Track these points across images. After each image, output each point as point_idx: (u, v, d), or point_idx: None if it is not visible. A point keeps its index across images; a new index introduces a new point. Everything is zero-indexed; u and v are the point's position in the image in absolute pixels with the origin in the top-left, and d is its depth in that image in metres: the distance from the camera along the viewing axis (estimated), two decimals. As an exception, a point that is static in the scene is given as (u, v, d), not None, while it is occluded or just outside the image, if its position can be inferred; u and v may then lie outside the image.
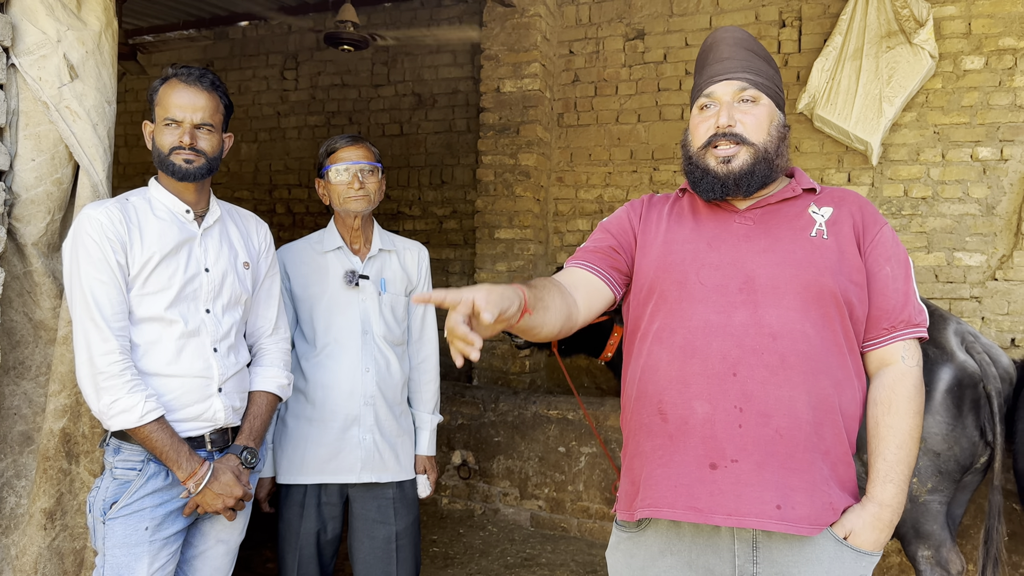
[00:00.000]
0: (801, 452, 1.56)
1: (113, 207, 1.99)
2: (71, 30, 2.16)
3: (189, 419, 2.04)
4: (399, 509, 2.62)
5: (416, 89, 6.32)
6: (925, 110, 4.64)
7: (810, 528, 1.54)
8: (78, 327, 1.94)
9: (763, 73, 1.73)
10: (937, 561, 2.97)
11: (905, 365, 1.67)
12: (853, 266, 1.66)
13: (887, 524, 1.60)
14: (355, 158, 2.54)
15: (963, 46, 4.55)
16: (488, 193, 5.47)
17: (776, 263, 1.63)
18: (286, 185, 6.86)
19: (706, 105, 1.73)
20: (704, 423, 1.58)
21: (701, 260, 1.68)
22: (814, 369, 1.58)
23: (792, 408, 1.56)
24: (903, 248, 1.73)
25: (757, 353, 1.58)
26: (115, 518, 1.96)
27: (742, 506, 1.54)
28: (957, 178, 4.59)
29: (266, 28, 6.86)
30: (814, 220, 1.69)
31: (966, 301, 4.56)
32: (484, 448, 4.90)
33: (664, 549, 1.67)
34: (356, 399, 2.54)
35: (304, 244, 2.67)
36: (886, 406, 1.65)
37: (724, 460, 1.56)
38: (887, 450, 1.63)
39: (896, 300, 1.68)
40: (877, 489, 1.62)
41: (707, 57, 1.77)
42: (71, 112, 2.16)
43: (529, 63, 5.34)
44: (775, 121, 1.72)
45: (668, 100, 5.33)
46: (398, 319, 2.67)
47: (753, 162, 1.67)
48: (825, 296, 1.61)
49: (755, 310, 1.60)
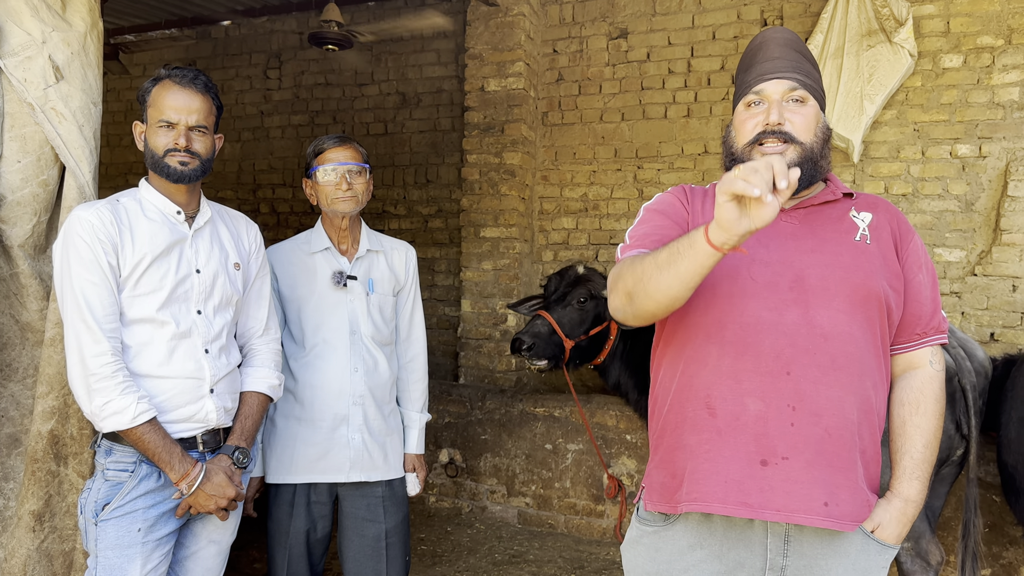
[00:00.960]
0: (846, 452, 1.60)
1: (104, 208, 1.99)
2: (56, 31, 2.16)
3: (181, 420, 2.05)
4: (388, 507, 2.64)
5: (400, 88, 6.32)
6: (905, 108, 4.70)
7: (852, 524, 1.59)
8: (69, 329, 1.94)
9: (811, 76, 1.75)
10: (917, 552, 3.02)
11: (933, 369, 1.74)
12: (893, 272, 1.70)
13: (910, 519, 1.67)
14: (343, 159, 2.55)
15: (942, 44, 4.61)
16: (473, 192, 5.49)
17: (825, 264, 1.66)
18: (270, 185, 6.84)
19: (754, 102, 1.73)
20: (757, 420, 1.59)
21: (751, 256, 1.67)
22: (860, 371, 1.62)
23: (841, 408, 1.59)
24: (930, 257, 1.80)
25: (810, 353, 1.60)
26: (107, 520, 1.96)
27: (791, 503, 1.57)
28: (937, 175, 4.65)
29: (249, 27, 6.83)
30: (857, 225, 1.72)
31: (946, 296, 4.63)
32: (471, 446, 4.91)
33: (694, 543, 1.68)
34: (345, 399, 2.55)
35: (291, 245, 2.68)
36: (914, 407, 1.71)
37: (775, 457, 1.58)
38: (914, 448, 1.69)
39: (928, 307, 1.74)
40: (904, 485, 1.68)
41: (756, 56, 1.77)
42: (57, 113, 2.16)
43: (513, 62, 5.36)
44: (820, 123, 1.73)
45: (651, 99, 5.36)
46: (386, 319, 2.68)
47: (800, 161, 1.67)
48: (871, 300, 1.65)
49: (806, 310, 1.62)
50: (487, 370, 5.46)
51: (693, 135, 5.26)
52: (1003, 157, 4.49)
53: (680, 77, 5.29)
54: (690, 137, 5.27)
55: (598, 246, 5.57)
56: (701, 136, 5.24)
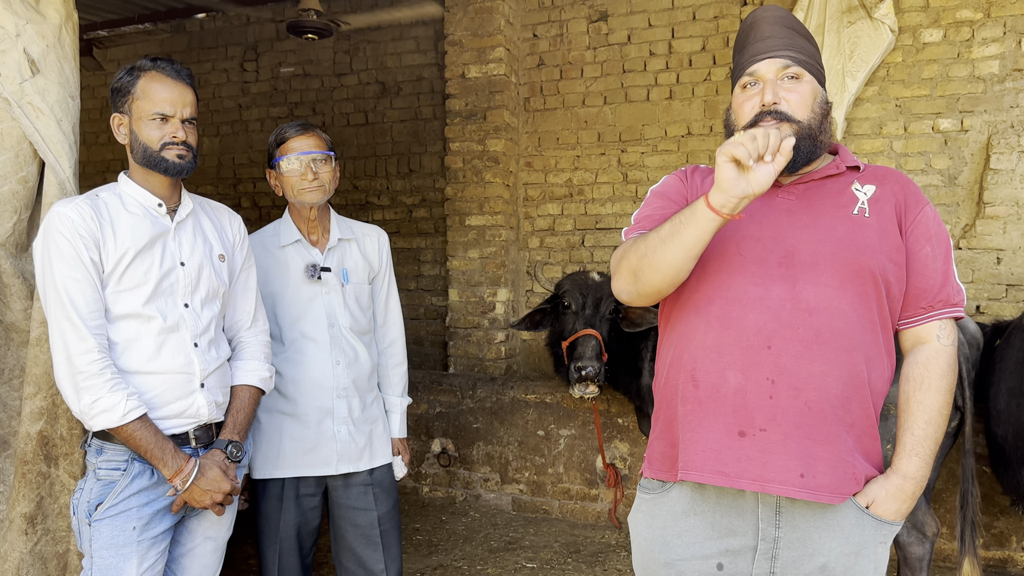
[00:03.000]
0: (828, 425, 1.59)
1: (83, 203, 1.95)
2: (30, 24, 2.11)
3: (172, 416, 2.02)
4: (379, 494, 2.63)
5: (380, 77, 6.26)
6: (887, 84, 4.71)
7: (831, 496, 1.59)
8: (54, 327, 1.90)
9: (805, 51, 1.73)
10: (913, 524, 3.04)
11: (940, 344, 1.70)
12: (893, 245, 1.68)
13: (910, 496, 1.65)
14: (306, 148, 2.49)
15: (922, 19, 4.62)
16: (457, 180, 5.45)
17: (817, 239, 1.65)
18: (251, 178, 6.77)
19: (749, 84, 1.73)
20: (736, 392, 1.62)
21: (742, 232, 1.69)
22: (848, 346, 1.61)
23: (823, 383, 1.59)
24: (944, 228, 1.74)
25: (793, 327, 1.61)
26: (101, 519, 1.93)
27: (767, 473, 1.59)
28: (919, 150, 4.67)
29: (224, 20, 6.74)
30: (856, 198, 1.71)
31: (931, 271, 4.65)
32: (463, 435, 4.90)
33: (688, 510, 1.71)
34: (328, 392, 2.53)
35: (259, 238, 2.61)
36: (918, 382, 1.69)
37: (753, 429, 1.60)
38: (916, 425, 1.67)
39: (935, 279, 1.70)
40: (903, 462, 1.66)
41: (748, 36, 1.77)
42: (34, 108, 2.11)
43: (493, 48, 5.32)
44: (818, 98, 1.73)
45: (633, 81, 5.34)
46: (363, 308, 2.65)
47: (798, 139, 1.66)
48: (864, 274, 1.64)
49: (793, 285, 1.63)
50: (477, 359, 5.45)
51: (676, 117, 5.25)
52: (985, 130, 4.51)
53: (662, 59, 5.27)
54: (673, 119, 5.26)
55: (584, 231, 5.55)
56: (684, 118, 5.23)
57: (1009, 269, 4.47)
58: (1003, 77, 4.47)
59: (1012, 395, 2.91)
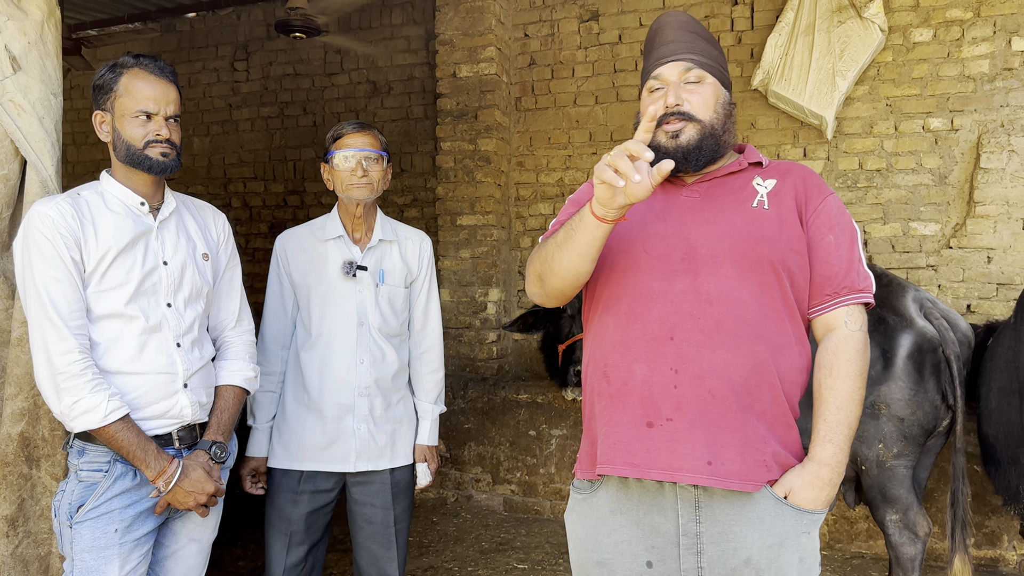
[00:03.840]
0: (733, 412, 1.63)
1: (64, 202, 1.92)
2: (11, 20, 2.08)
3: (155, 417, 1.99)
4: (397, 494, 2.62)
5: (371, 77, 6.23)
6: (877, 83, 4.71)
7: (741, 483, 1.62)
8: (34, 327, 1.87)
9: (707, 54, 1.80)
10: (905, 524, 3.03)
11: (848, 330, 1.72)
12: (793, 235, 1.73)
13: (827, 482, 1.66)
14: (360, 145, 2.52)
15: (912, 19, 4.62)
16: (448, 180, 5.43)
17: (717, 233, 1.71)
18: (241, 178, 6.74)
19: (655, 88, 1.80)
20: (642, 384, 1.66)
21: (648, 230, 1.75)
22: (750, 334, 1.65)
23: (725, 371, 1.63)
24: (849, 217, 1.79)
25: (693, 318, 1.65)
26: (82, 521, 1.90)
27: (675, 461, 1.62)
28: (910, 149, 4.67)
29: (214, 19, 6.71)
30: (756, 191, 1.77)
31: (922, 270, 4.66)
32: (455, 435, 4.88)
33: (614, 508, 1.74)
34: (350, 390, 2.53)
35: (306, 230, 2.65)
36: (828, 369, 1.72)
37: (660, 419, 1.64)
38: (828, 411, 1.70)
39: (839, 267, 1.73)
40: (817, 449, 1.68)
41: (653, 41, 1.84)
42: (15, 105, 2.09)
43: (484, 47, 5.30)
44: (721, 99, 1.79)
45: (625, 81, 5.33)
46: (396, 311, 2.64)
47: (700, 138, 1.74)
48: (763, 264, 1.68)
49: (695, 278, 1.68)
50: (468, 359, 5.43)
51: (667, 116, 5.23)
52: (975, 130, 4.51)
53: (653, 58, 5.25)
54: (664, 118, 5.24)
55: (576, 231, 5.53)
56: (675, 117, 5.21)
57: (1000, 268, 4.47)
58: (993, 76, 4.47)
59: (1003, 394, 2.90)
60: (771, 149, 4.96)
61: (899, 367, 3.01)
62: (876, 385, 3.02)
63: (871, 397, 3.01)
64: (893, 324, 3.04)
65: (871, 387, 3.01)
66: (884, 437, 3.01)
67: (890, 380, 3.01)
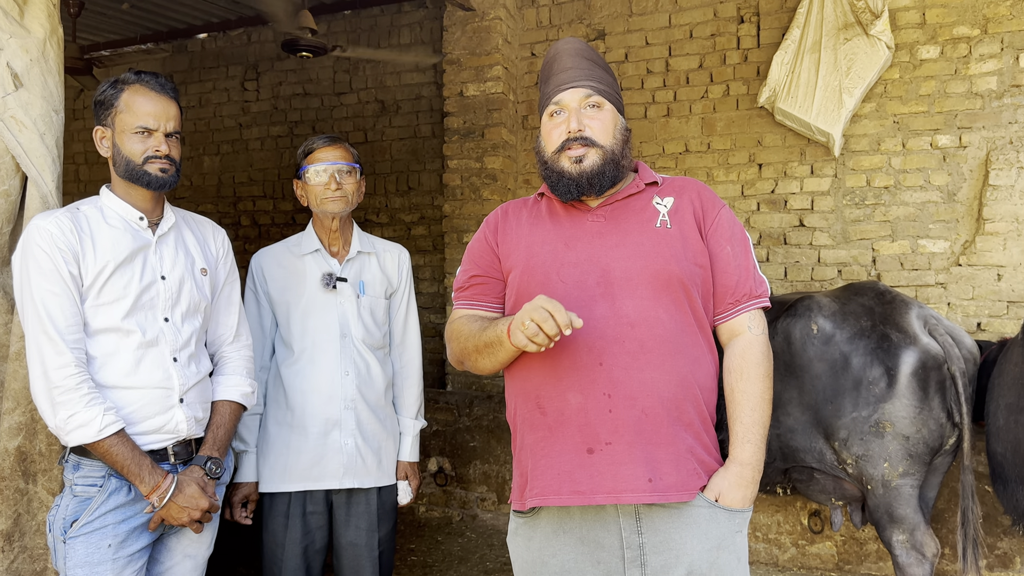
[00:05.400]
0: (665, 428, 1.70)
1: (63, 216, 1.93)
2: (14, 38, 2.11)
3: (150, 431, 1.99)
4: (381, 515, 2.59)
5: (379, 96, 6.28)
6: (884, 100, 4.69)
7: (679, 494, 1.69)
8: (31, 341, 1.88)
9: (604, 81, 1.86)
10: (912, 545, 2.98)
11: (752, 334, 1.82)
12: (696, 250, 1.80)
13: (750, 481, 1.75)
14: (332, 159, 2.52)
15: (919, 36, 4.61)
16: (455, 197, 5.45)
17: (627, 256, 1.76)
18: (250, 197, 6.78)
19: (555, 112, 1.85)
20: (578, 412, 1.70)
21: (560, 259, 1.80)
22: (671, 351, 1.72)
23: (655, 389, 1.70)
24: (740, 226, 1.89)
25: (619, 342, 1.71)
26: (76, 536, 1.90)
27: (619, 484, 1.67)
28: (918, 166, 4.64)
29: (225, 40, 6.78)
30: (658, 211, 1.83)
31: (932, 288, 4.61)
32: (460, 454, 4.86)
33: (557, 529, 1.78)
34: (336, 403, 2.50)
35: (281, 248, 2.64)
36: (739, 373, 1.80)
37: (599, 444, 1.69)
38: (743, 413, 1.78)
39: (738, 276, 1.83)
40: (737, 450, 1.76)
41: (552, 67, 1.89)
42: (16, 122, 2.11)
43: (491, 66, 5.33)
44: (618, 125, 1.86)
45: (631, 99, 5.34)
46: (378, 322, 2.62)
47: (603, 163, 1.79)
48: (673, 282, 1.75)
49: (613, 302, 1.73)
50: (474, 377, 5.41)
51: (673, 134, 5.24)
52: (983, 147, 4.49)
53: (659, 77, 5.28)
54: (671, 136, 5.25)
55: (582, 248, 5.53)
56: (682, 135, 5.22)
57: (1010, 286, 4.43)
58: (1001, 93, 4.45)
59: (1010, 411, 2.86)
60: (778, 166, 4.94)
61: (903, 384, 2.97)
62: (880, 403, 2.97)
63: (875, 415, 2.97)
64: (896, 341, 3.01)
65: (875, 405, 2.97)
66: (889, 456, 2.97)
67: (894, 398, 2.97)
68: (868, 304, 3.12)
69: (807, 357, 3.11)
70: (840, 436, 3.02)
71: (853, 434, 2.99)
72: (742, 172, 5.05)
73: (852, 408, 3.00)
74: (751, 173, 5.03)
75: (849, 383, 3.02)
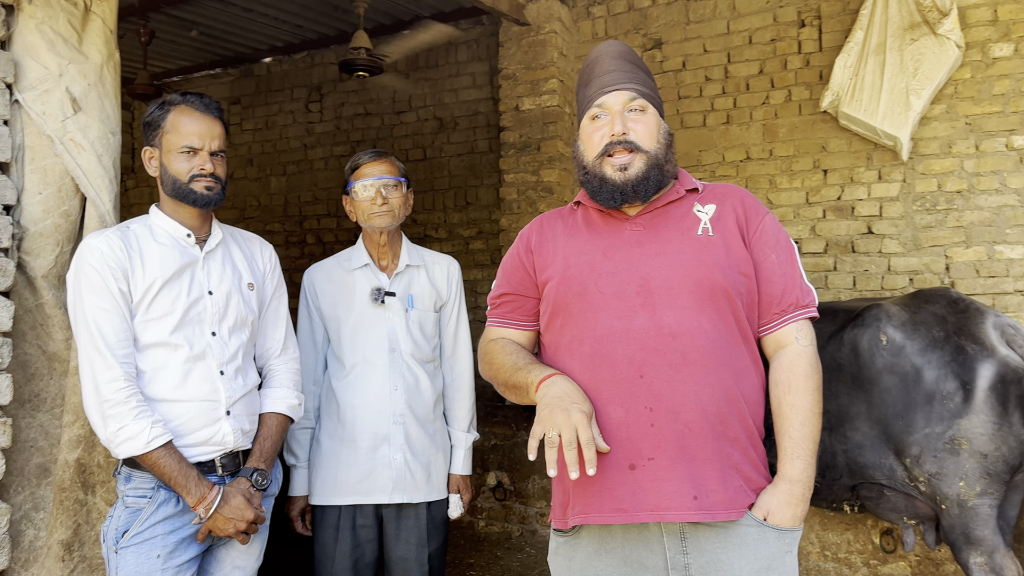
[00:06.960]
0: (710, 443, 1.64)
1: (113, 235, 2.00)
2: (72, 64, 2.19)
3: (198, 444, 2.03)
4: (432, 530, 2.57)
5: (437, 113, 6.34)
6: (955, 101, 4.50)
7: (727, 513, 1.61)
8: (83, 356, 1.94)
9: (647, 84, 1.82)
10: (991, 567, 2.82)
11: (799, 345, 1.75)
12: (740, 258, 1.74)
13: (800, 499, 1.68)
14: (378, 173, 2.53)
15: (990, 34, 4.41)
16: (512, 211, 5.44)
17: (668, 265, 1.72)
18: (315, 215, 6.93)
19: (597, 115, 1.80)
20: (619, 427, 1.65)
21: (598, 270, 1.75)
22: (715, 362, 1.66)
23: (698, 402, 1.64)
24: (785, 234, 1.83)
25: (660, 353, 1.65)
26: (127, 547, 1.94)
27: (663, 501, 1.61)
28: (993, 169, 4.43)
29: (290, 63, 6.97)
30: (699, 219, 1.77)
31: (1010, 295, 4.38)
32: (519, 468, 4.82)
33: (599, 549, 1.73)
34: (385, 418, 2.50)
35: (332, 263, 2.67)
36: (786, 386, 1.72)
37: (642, 459, 1.63)
38: (792, 428, 1.70)
39: (783, 285, 1.76)
40: (786, 466, 1.69)
41: (593, 70, 1.85)
42: (75, 144, 2.18)
43: (547, 80, 5.33)
44: (662, 129, 1.81)
45: (689, 108, 5.26)
46: (427, 336, 2.62)
47: (647, 169, 1.75)
48: (717, 291, 1.69)
49: (653, 312, 1.68)
50: (533, 391, 5.37)
51: (734, 142, 5.14)
52: (1064, 146, 4.25)
53: (718, 84, 5.18)
54: (731, 144, 5.14)
55: (642, 260, 5.45)
56: (742, 142, 5.11)
57: (1097, 293, 4.17)
58: (1082, 89, 4.21)
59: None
60: (844, 172, 4.79)
61: (980, 399, 2.81)
62: (956, 419, 2.82)
63: (950, 432, 2.82)
64: (972, 353, 2.85)
65: (950, 420, 2.82)
66: (966, 475, 2.82)
67: (971, 413, 2.82)
68: (940, 313, 2.98)
69: (875, 369, 2.98)
70: (912, 453, 2.88)
71: (926, 451, 2.84)
72: (806, 179, 4.91)
73: (925, 423, 2.85)
74: (816, 180, 4.88)
75: (921, 397, 2.88)
